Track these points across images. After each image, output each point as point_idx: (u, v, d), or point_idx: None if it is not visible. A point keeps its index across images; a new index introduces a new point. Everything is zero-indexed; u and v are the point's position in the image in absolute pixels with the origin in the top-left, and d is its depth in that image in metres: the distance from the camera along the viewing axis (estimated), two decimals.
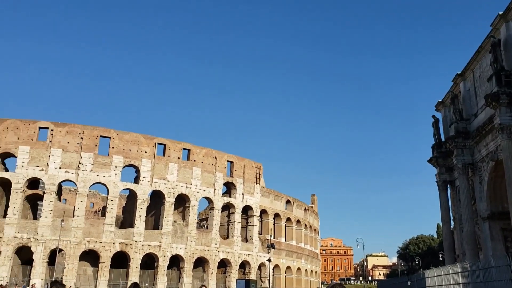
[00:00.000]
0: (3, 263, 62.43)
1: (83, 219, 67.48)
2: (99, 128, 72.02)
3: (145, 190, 72.18)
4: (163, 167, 74.31)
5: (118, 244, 67.64)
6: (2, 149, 67.05)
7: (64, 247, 64.08)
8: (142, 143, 73.44)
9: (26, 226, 65.15)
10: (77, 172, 68.02)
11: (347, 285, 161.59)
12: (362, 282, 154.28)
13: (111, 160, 70.29)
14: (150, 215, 75.71)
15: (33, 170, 66.92)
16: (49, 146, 68.06)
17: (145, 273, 69.24)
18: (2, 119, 68.87)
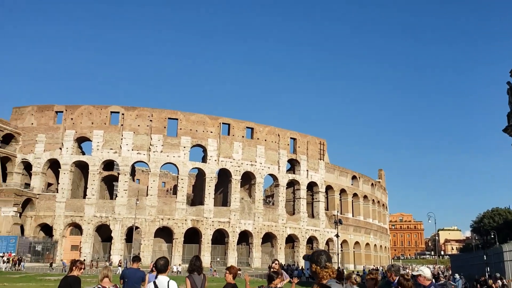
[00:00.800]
0: (86, 240, 66.99)
1: (156, 198, 70.63)
2: (167, 110, 74.40)
3: (213, 169, 74.05)
4: (228, 146, 75.71)
5: (190, 221, 70.26)
6: (78, 134, 71.21)
7: (140, 225, 67.53)
8: (208, 123, 75.09)
9: (104, 205, 69.24)
10: (148, 153, 70.94)
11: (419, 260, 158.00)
12: (434, 256, 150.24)
13: (180, 141, 72.57)
14: (219, 193, 77.73)
15: (108, 153, 70.62)
16: (121, 129, 71.36)
17: (216, 248, 71.55)
18: (77, 106, 72.99)
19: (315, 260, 4.98)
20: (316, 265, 4.95)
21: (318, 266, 4.94)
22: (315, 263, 4.96)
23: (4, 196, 63.46)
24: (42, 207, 68.34)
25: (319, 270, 4.90)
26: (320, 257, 4.96)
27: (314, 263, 4.96)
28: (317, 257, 4.98)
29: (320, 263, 4.93)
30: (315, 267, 4.94)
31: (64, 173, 69.60)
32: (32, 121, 72.64)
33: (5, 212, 62.61)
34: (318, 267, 4.92)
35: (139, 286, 11.88)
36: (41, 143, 70.85)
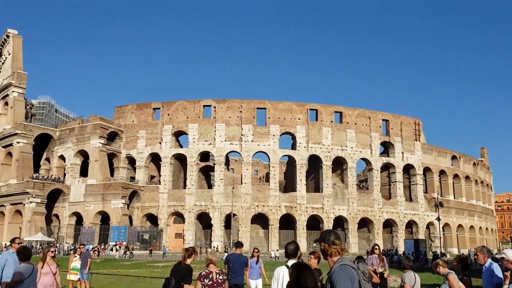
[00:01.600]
0: (188, 228, 71.02)
1: (250, 186, 72.70)
2: (255, 100, 75.93)
3: (303, 156, 74.33)
4: (317, 132, 75.41)
5: (284, 207, 71.41)
6: (175, 128, 75.33)
7: (237, 212, 70.04)
8: (295, 110, 75.36)
9: (202, 194, 72.79)
10: (240, 143, 73.09)
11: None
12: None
13: (269, 130, 73.78)
14: (310, 179, 77.89)
15: (203, 145, 73.96)
16: (214, 121, 74.24)
17: (312, 233, 71.96)
18: (172, 102, 77.14)
19: (323, 239, 5.25)
20: (324, 243, 5.21)
21: (327, 244, 5.18)
22: (323, 241, 5.22)
23: (113, 189, 69.23)
24: (147, 198, 73.58)
25: (327, 248, 5.15)
26: (328, 236, 5.23)
27: (323, 241, 5.23)
28: (325, 236, 5.26)
29: (329, 240, 5.18)
30: (324, 245, 5.19)
31: (165, 165, 74.14)
32: (133, 118, 78.17)
33: (115, 204, 68.31)
34: (327, 245, 5.17)
35: (243, 270, 12.49)
36: (142, 139, 76.08)
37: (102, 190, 69.83)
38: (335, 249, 5.12)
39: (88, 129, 74.22)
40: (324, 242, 5.20)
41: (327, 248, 5.15)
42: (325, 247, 5.17)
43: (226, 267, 12.58)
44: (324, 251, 5.20)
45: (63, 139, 77.75)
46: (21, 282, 8.74)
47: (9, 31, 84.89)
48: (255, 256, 14.04)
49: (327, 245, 5.16)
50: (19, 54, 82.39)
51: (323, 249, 5.21)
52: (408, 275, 9.55)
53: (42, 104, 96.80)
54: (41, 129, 78.94)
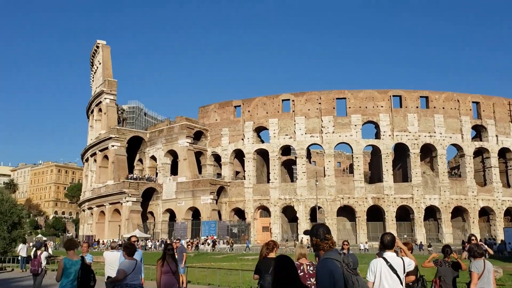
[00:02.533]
0: (274, 221, 71.95)
1: (334, 178, 71.88)
2: (334, 91, 74.77)
3: (388, 145, 71.96)
4: (401, 119, 72.56)
5: (370, 199, 69.73)
6: (256, 124, 76.53)
7: (322, 204, 69.63)
8: (377, 98, 73.07)
9: (286, 188, 73.30)
10: (321, 135, 72.44)
11: None
12: None
13: (350, 120, 72.32)
14: (397, 168, 75.25)
15: (284, 139, 74.38)
16: (293, 115, 74.31)
17: (402, 225, 69.58)
18: (252, 98, 78.41)
19: (314, 233, 5.23)
20: (316, 238, 5.20)
21: (318, 239, 5.18)
22: (315, 236, 5.21)
23: (202, 186, 72.01)
24: (233, 193, 75.65)
25: (320, 242, 5.16)
26: (318, 230, 5.23)
27: (314, 236, 5.21)
28: (316, 230, 5.25)
29: (319, 235, 5.18)
30: (316, 239, 5.19)
31: (248, 161, 75.67)
32: (216, 117, 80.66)
33: (204, 200, 71.02)
34: (319, 240, 5.17)
35: None
36: (226, 136, 78.27)
37: (191, 187, 72.93)
38: (326, 244, 5.16)
39: (176, 130, 77.81)
40: (316, 237, 5.21)
41: (320, 243, 5.18)
42: (317, 242, 5.20)
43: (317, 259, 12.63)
44: (316, 245, 5.21)
45: (153, 140, 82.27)
46: (124, 277, 9.35)
47: (98, 42, 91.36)
48: (345, 249, 13.98)
49: (319, 240, 5.19)
50: (108, 63, 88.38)
51: (315, 244, 5.22)
52: (476, 263, 9.03)
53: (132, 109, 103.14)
54: (133, 132, 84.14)
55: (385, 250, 6.83)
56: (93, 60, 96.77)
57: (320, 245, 5.18)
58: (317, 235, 5.23)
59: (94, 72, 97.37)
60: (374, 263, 6.67)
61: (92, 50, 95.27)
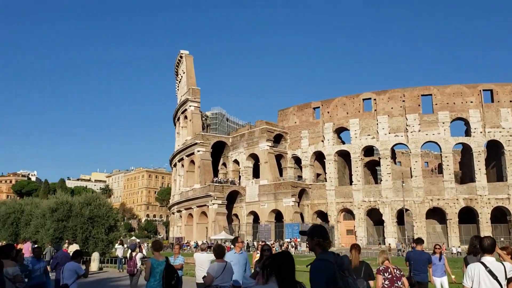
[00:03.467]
0: (359, 224, 70.35)
1: (421, 179, 68.76)
2: (419, 87, 71.62)
3: (479, 142, 67.44)
4: (494, 114, 67.62)
5: (462, 200, 65.75)
6: (336, 125, 75.45)
7: (409, 207, 66.88)
8: (466, 93, 68.82)
9: (370, 190, 71.37)
10: (406, 135, 69.67)
11: None
12: None
13: (437, 117, 68.82)
14: (490, 167, 70.21)
15: (366, 139, 72.53)
16: (375, 114, 72.23)
17: (498, 227, 64.68)
18: (331, 99, 77.45)
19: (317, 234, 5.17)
20: (318, 238, 5.12)
21: (321, 239, 5.13)
22: (317, 236, 5.14)
23: (283, 188, 72.39)
24: (315, 195, 75.17)
25: (322, 243, 5.12)
26: (322, 231, 5.23)
27: (316, 237, 5.13)
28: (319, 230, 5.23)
29: (325, 235, 5.17)
30: (318, 240, 5.12)
31: (329, 163, 74.78)
32: (295, 120, 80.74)
33: (286, 202, 71.32)
34: (321, 240, 5.12)
35: (426, 268, 11.99)
36: (305, 139, 78.06)
37: (273, 190, 73.61)
38: (327, 244, 5.19)
39: (256, 134, 79.08)
40: (318, 237, 5.16)
41: (322, 243, 5.14)
42: (320, 242, 5.15)
43: (407, 264, 12.24)
44: (319, 245, 5.14)
45: (235, 144, 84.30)
46: (212, 280, 9.57)
47: (181, 52, 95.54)
48: (437, 253, 13.40)
49: (322, 240, 5.16)
50: (191, 72, 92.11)
51: (318, 244, 5.14)
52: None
53: (215, 115, 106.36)
54: (217, 137, 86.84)
55: (484, 254, 6.41)
56: (178, 69, 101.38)
57: (322, 245, 5.16)
58: (320, 235, 5.22)
59: (179, 81, 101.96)
60: (472, 268, 6.32)
61: (176, 60, 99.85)
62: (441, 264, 13.21)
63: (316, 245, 5.16)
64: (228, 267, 10.00)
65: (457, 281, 13.84)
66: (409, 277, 11.79)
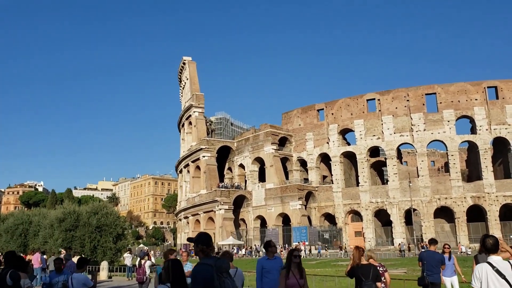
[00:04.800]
0: (367, 226, 70.06)
1: (428, 178, 68.45)
2: (422, 86, 71.42)
3: (485, 140, 67.11)
4: (499, 111, 67.30)
5: (470, 198, 65.37)
6: (341, 126, 75.32)
7: (417, 206, 66.56)
8: (470, 91, 68.56)
9: (377, 191, 71.11)
10: (411, 134, 69.44)
11: None
12: None
13: (442, 116, 68.59)
14: (497, 164, 69.85)
15: (371, 140, 72.34)
16: (380, 115, 72.07)
17: (507, 225, 64.22)
18: (335, 101, 77.36)
19: (201, 241, 5.65)
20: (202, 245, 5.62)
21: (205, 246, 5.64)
22: (201, 243, 5.62)
23: (290, 191, 72.26)
24: (322, 198, 74.98)
25: (205, 249, 5.63)
26: (208, 238, 5.75)
27: (201, 244, 5.62)
28: (205, 238, 5.74)
29: (209, 242, 5.70)
30: (202, 247, 5.60)
31: (335, 164, 74.62)
32: (299, 122, 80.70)
33: (293, 205, 71.16)
34: (205, 247, 5.61)
35: (439, 268, 11.91)
36: (310, 141, 77.95)
37: (280, 193, 73.48)
38: (210, 250, 5.66)
39: (261, 137, 79.08)
40: (202, 244, 5.62)
41: (205, 250, 5.61)
42: (203, 249, 5.61)
43: (421, 264, 12.19)
44: (203, 252, 5.60)
45: (240, 149, 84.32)
46: None
47: (184, 58, 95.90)
48: (447, 253, 13.33)
49: (205, 247, 5.61)
50: (195, 78, 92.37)
51: (202, 250, 5.61)
52: None
53: (219, 120, 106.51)
54: (221, 142, 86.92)
55: (489, 254, 6.35)
56: (181, 76, 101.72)
57: (205, 251, 5.61)
58: (204, 242, 5.68)
59: (182, 87, 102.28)
60: (479, 268, 6.26)
61: (179, 66, 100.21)
62: (451, 264, 13.13)
63: (200, 251, 5.64)
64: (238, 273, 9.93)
65: (467, 280, 13.75)
66: (422, 277, 11.76)
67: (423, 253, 12.42)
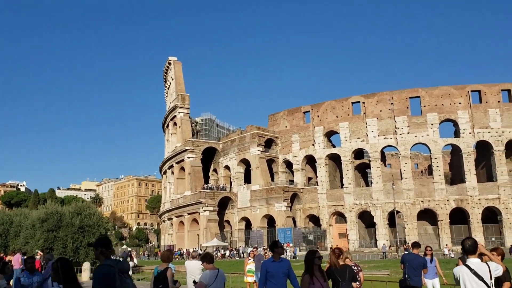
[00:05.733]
0: (351, 227, 70.49)
1: (412, 180, 69.15)
2: (407, 90, 72.19)
3: (468, 143, 68.05)
4: (482, 115, 68.34)
5: (453, 201, 66.22)
6: (326, 129, 75.71)
7: (400, 209, 67.17)
8: (454, 94, 69.52)
9: (361, 193, 71.59)
10: (395, 137, 70.10)
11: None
12: None
13: (425, 119, 69.40)
14: (480, 168, 70.87)
15: (356, 142, 72.86)
16: (364, 117, 72.64)
17: (489, 227, 65.25)
18: (320, 103, 77.77)
19: (100, 244, 6.22)
20: (101, 248, 6.18)
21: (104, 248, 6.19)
22: (100, 246, 6.18)
23: (275, 193, 72.34)
24: (307, 199, 75.21)
25: (104, 251, 6.19)
26: (105, 241, 6.29)
27: (100, 247, 6.16)
28: (104, 241, 6.30)
29: (108, 245, 6.25)
30: (101, 249, 6.14)
31: (320, 166, 74.93)
32: (285, 124, 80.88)
33: (278, 207, 71.24)
34: (104, 249, 6.20)
35: (420, 272, 11.94)
36: (296, 143, 78.18)
37: (265, 195, 73.50)
38: (110, 252, 6.20)
39: (247, 139, 79.02)
40: (101, 247, 6.11)
41: (105, 252, 6.08)
42: (103, 251, 6.08)
43: (402, 266, 12.23)
44: (103, 254, 6.07)
45: (226, 150, 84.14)
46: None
47: (170, 58, 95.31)
48: (429, 255, 13.43)
49: (104, 250, 6.09)
50: (180, 78, 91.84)
51: (102, 252, 6.07)
52: None
53: (205, 121, 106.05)
54: (207, 143, 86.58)
55: (468, 256, 6.42)
56: (166, 76, 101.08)
57: (105, 254, 6.08)
58: (102, 245, 6.16)
59: (167, 88, 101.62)
60: (457, 271, 6.36)
61: (164, 67, 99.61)
62: (433, 266, 13.22)
63: (100, 254, 6.07)
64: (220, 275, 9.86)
65: (448, 282, 13.86)
66: (403, 280, 11.79)
67: (406, 255, 12.48)
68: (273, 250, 8.94)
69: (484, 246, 7.34)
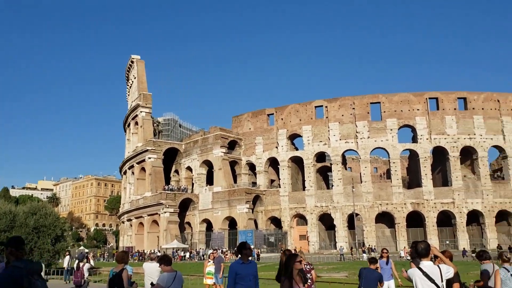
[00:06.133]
0: (311, 229, 71.28)
1: (371, 184, 70.69)
2: (368, 95, 73.79)
3: (425, 148, 70.26)
4: (439, 121, 70.76)
5: (410, 204, 68.12)
6: (290, 132, 76.36)
7: (359, 211, 68.51)
8: (413, 101, 71.63)
9: (322, 195, 72.58)
10: (356, 141, 71.50)
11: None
12: None
13: (385, 124, 71.13)
14: (436, 173, 73.26)
15: (318, 146, 73.84)
16: (327, 121, 73.73)
17: (443, 231, 67.54)
18: (284, 106, 78.38)
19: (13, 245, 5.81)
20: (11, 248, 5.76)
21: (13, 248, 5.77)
22: (11, 246, 5.78)
23: (237, 195, 72.26)
24: (269, 201, 75.54)
25: (14, 252, 5.80)
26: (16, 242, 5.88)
27: (10, 247, 5.78)
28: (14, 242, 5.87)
29: (19, 247, 5.82)
30: (11, 249, 5.76)
31: (283, 169, 75.46)
32: (249, 126, 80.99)
33: (240, 209, 71.20)
34: (13, 250, 5.77)
35: (375, 286, 12.12)
36: (260, 145, 78.42)
37: (227, 197, 73.28)
38: (20, 253, 5.84)
39: (210, 140, 78.59)
40: (11, 247, 5.82)
41: (15, 252, 5.78)
42: (12, 251, 5.79)
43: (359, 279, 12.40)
44: (12, 254, 5.78)
45: (188, 151, 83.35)
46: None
47: (133, 57, 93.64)
48: (385, 257, 13.70)
49: (14, 250, 5.80)
50: (143, 77, 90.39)
51: (11, 252, 5.79)
52: (486, 266, 8.98)
53: (167, 121, 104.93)
54: (169, 144, 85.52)
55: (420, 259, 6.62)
56: (129, 74, 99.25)
57: (15, 254, 5.79)
58: (13, 245, 5.88)
59: (129, 86, 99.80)
60: (410, 273, 6.56)
61: (127, 65, 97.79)
62: (388, 268, 13.50)
63: (9, 254, 5.78)
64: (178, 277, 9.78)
65: (403, 284, 14.21)
66: None
67: (363, 270, 12.69)
68: (241, 252, 8.71)
69: (438, 249, 7.57)
